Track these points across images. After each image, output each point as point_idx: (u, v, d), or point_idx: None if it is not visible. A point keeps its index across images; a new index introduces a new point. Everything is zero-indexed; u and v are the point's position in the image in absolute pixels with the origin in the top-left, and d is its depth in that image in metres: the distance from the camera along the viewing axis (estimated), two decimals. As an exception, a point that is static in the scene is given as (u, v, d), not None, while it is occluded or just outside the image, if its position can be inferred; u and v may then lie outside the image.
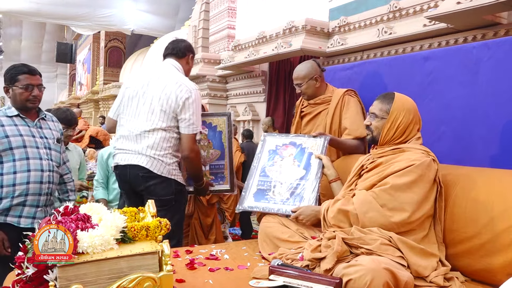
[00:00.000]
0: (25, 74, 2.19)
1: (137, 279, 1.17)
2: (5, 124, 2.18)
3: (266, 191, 2.19)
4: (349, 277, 1.38)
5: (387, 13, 3.91)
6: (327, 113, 2.46)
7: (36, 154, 2.22)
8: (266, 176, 2.25)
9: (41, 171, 2.22)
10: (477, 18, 3.01)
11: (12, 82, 2.18)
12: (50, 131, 2.36)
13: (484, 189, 1.66)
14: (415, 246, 1.61)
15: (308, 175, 2.16)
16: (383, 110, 1.84)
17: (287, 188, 2.16)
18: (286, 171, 2.22)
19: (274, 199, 2.15)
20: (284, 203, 2.12)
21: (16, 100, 2.21)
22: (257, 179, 2.26)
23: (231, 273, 1.75)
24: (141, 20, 11.41)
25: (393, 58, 2.82)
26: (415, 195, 1.65)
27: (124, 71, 13.19)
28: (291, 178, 2.19)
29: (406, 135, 1.82)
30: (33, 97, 2.20)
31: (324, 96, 2.51)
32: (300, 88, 2.50)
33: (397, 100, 1.83)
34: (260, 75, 6.32)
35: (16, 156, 2.16)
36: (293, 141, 2.33)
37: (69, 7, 10.37)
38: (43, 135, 2.31)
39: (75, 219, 1.26)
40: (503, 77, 1.90)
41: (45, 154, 2.27)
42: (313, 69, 2.48)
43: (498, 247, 1.54)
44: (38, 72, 2.29)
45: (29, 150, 2.20)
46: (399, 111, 1.80)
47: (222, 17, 7.24)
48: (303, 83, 2.47)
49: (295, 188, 2.15)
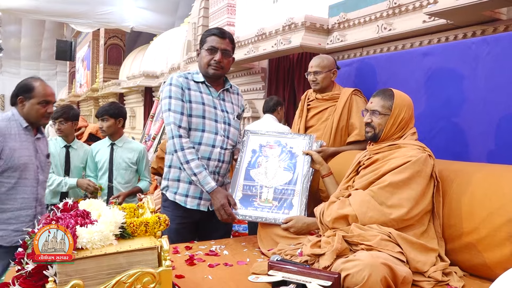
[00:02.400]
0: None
1: (136, 274, 1.17)
2: (191, 88, 2.09)
3: (253, 197, 2.09)
4: (347, 272, 1.39)
5: (387, 9, 3.89)
6: (335, 110, 2.47)
7: (213, 128, 2.10)
8: (251, 180, 2.13)
9: (212, 146, 2.09)
10: (476, 14, 3.00)
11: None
12: (231, 105, 2.21)
13: (482, 185, 1.67)
14: (415, 242, 1.61)
15: (296, 178, 2.09)
16: (385, 107, 1.84)
17: (275, 194, 2.07)
18: (272, 174, 2.12)
19: (262, 206, 2.06)
20: (273, 211, 2.03)
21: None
22: (242, 183, 2.13)
23: (230, 268, 1.76)
24: (141, 17, 11.40)
25: (392, 54, 2.83)
26: (413, 191, 1.66)
27: (123, 69, 13.17)
28: (278, 182, 2.10)
29: (404, 130, 1.84)
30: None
31: (333, 93, 2.51)
32: (317, 77, 2.48)
33: (397, 96, 1.84)
34: (259, 72, 6.31)
35: (193, 125, 2.07)
36: (277, 140, 2.22)
37: (68, 4, 10.34)
38: (224, 108, 2.16)
39: (74, 215, 1.27)
40: (501, 73, 1.91)
41: (222, 130, 2.13)
42: (332, 62, 2.53)
43: (496, 242, 1.55)
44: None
45: (207, 122, 2.08)
46: (401, 106, 1.82)
47: (222, 14, 7.23)
48: (322, 72, 2.46)
49: (283, 194, 2.07)
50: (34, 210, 2.28)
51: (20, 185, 2.21)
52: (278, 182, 2.10)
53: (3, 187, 2.16)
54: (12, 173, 2.17)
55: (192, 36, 7.97)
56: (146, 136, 5.41)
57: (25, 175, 2.21)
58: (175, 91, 2.08)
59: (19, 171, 2.18)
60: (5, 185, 2.16)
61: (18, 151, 2.18)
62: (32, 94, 2.21)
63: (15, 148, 2.17)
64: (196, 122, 2.09)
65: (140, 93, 11.09)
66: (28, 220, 2.24)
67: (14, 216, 2.19)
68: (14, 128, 2.21)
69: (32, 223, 2.20)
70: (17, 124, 2.22)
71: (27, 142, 2.24)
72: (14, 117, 2.23)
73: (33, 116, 2.24)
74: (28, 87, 2.22)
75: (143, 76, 10.21)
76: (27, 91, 2.22)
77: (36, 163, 2.28)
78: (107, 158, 3.08)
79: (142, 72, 10.35)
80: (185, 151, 2.03)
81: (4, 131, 2.16)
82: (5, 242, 2.17)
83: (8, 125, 2.19)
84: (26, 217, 2.23)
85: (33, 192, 2.27)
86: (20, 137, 2.21)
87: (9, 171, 2.16)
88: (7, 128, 2.18)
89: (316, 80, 2.49)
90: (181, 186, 2.17)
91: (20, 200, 2.21)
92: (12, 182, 2.17)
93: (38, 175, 2.30)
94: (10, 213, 2.18)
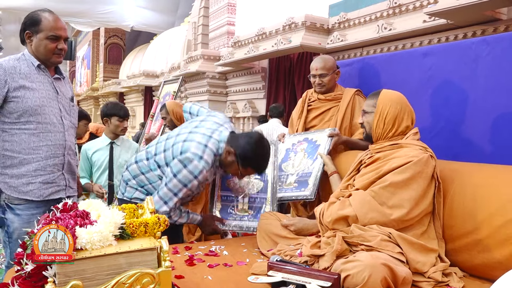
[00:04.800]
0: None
1: (136, 275, 1.17)
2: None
3: (280, 183, 2.40)
4: (347, 273, 1.39)
5: (387, 9, 3.90)
6: (338, 110, 2.46)
7: None
8: (282, 171, 2.47)
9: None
10: (476, 14, 3.00)
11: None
12: None
13: (482, 185, 1.67)
14: (415, 242, 1.61)
15: (314, 163, 2.34)
16: (370, 105, 1.88)
17: (297, 177, 2.37)
18: (297, 163, 2.44)
19: (285, 189, 2.36)
20: (292, 191, 2.32)
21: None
22: (277, 175, 2.43)
23: (230, 269, 1.76)
24: (141, 17, 11.39)
25: (393, 54, 2.82)
26: (414, 192, 1.66)
27: (123, 68, 13.17)
28: (301, 169, 2.39)
29: (397, 127, 1.83)
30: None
31: (335, 93, 2.51)
32: (323, 79, 2.47)
33: (382, 93, 1.87)
34: (259, 71, 6.31)
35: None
36: (306, 137, 2.52)
37: (68, 3, 10.34)
38: None
39: (74, 216, 1.26)
40: (502, 73, 1.90)
41: None
42: (335, 63, 2.53)
43: (496, 242, 1.55)
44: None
45: None
46: (384, 102, 1.83)
47: (222, 13, 7.22)
48: (328, 74, 2.45)
49: (301, 176, 2.35)
50: (63, 159, 2.06)
51: (42, 131, 1.97)
52: (301, 169, 2.39)
53: (24, 135, 1.93)
54: (29, 118, 1.93)
55: (192, 36, 7.97)
56: (146, 136, 5.41)
57: (45, 119, 1.97)
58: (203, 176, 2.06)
59: (36, 114, 1.94)
60: (26, 132, 1.94)
61: (32, 92, 1.93)
62: (39, 28, 1.95)
63: (27, 87, 1.93)
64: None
65: (140, 92, 11.09)
66: (56, 169, 2.03)
67: (41, 166, 1.97)
68: (24, 67, 1.95)
69: (61, 173, 2.06)
70: (28, 63, 1.97)
71: (42, 83, 1.99)
72: (24, 57, 1.99)
73: (42, 53, 1.97)
74: (34, 20, 1.96)
75: (143, 75, 10.22)
76: (34, 24, 1.96)
77: (59, 106, 2.04)
78: (106, 157, 3.08)
79: (142, 72, 10.35)
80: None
81: (11, 70, 1.91)
82: (35, 196, 1.97)
83: (17, 64, 1.95)
84: (54, 167, 2.01)
85: (59, 138, 2.03)
86: (32, 77, 1.96)
87: (26, 115, 1.92)
88: (14, 68, 1.93)
89: (322, 82, 2.47)
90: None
91: (45, 148, 1.98)
92: (32, 127, 1.94)
93: (63, 119, 2.05)
94: (35, 163, 1.96)
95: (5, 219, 1.97)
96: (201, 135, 2.09)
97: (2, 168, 1.95)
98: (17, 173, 1.95)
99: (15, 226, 1.95)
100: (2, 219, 1.98)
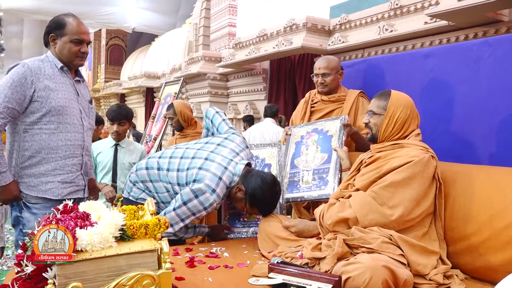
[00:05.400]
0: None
1: (136, 277, 1.17)
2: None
3: (296, 182, 2.30)
4: (348, 275, 1.38)
5: (388, 11, 3.90)
6: (341, 111, 2.45)
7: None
8: (295, 167, 2.35)
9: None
10: (478, 16, 3.00)
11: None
12: None
13: (484, 187, 1.66)
14: (416, 244, 1.61)
15: (330, 157, 2.24)
16: (380, 107, 1.85)
17: (313, 174, 2.26)
18: (311, 158, 2.32)
19: (303, 187, 2.25)
20: (311, 189, 2.21)
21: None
22: (288, 172, 2.36)
23: (230, 271, 1.75)
24: (142, 18, 11.41)
25: (394, 56, 2.82)
26: (414, 191, 1.65)
27: (125, 69, 13.20)
28: (315, 164, 2.28)
29: (404, 131, 1.82)
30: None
31: (339, 95, 2.49)
32: (325, 79, 2.44)
33: (393, 96, 1.84)
34: (261, 73, 6.32)
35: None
36: (315, 127, 2.41)
37: (70, 5, 10.34)
38: None
39: (74, 217, 1.26)
40: (503, 75, 1.90)
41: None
42: (339, 63, 2.50)
43: (498, 244, 1.54)
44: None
45: None
46: (396, 106, 1.81)
47: (223, 14, 7.23)
48: (331, 74, 2.43)
49: (320, 173, 2.24)
50: (81, 159, 2.10)
51: (62, 131, 2.01)
52: (316, 164, 2.28)
53: (44, 134, 1.97)
54: (51, 118, 1.97)
55: (193, 37, 7.98)
56: (147, 137, 5.41)
57: (66, 120, 2.02)
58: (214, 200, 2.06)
59: (58, 115, 1.99)
60: (46, 132, 1.97)
61: (55, 92, 1.98)
62: (64, 31, 2.02)
63: (51, 88, 1.97)
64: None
65: (142, 93, 11.11)
66: (75, 169, 2.07)
67: (59, 166, 2.01)
68: (48, 69, 2.01)
69: (80, 173, 2.10)
70: (51, 65, 2.03)
71: (64, 84, 2.04)
72: (48, 59, 2.04)
73: (65, 55, 2.03)
74: (59, 23, 2.03)
75: (145, 76, 10.23)
76: (59, 28, 2.03)
77: (79, 107, 2.09)
78: (111, 158, 3.10)
79: (143, 73, 10.37)
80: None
81: (36, 70, 1.96)
82: (53, 195, 2.00)
83: (41, 65, 2.00)
84: (72, 167, 2.06)
85: (78, 138, 2.08)
86: (56, 78, 2.01)
87: (48, 115, 1.97)
88: (39, 68, 1.98)
89: (324, 82, 2.45)
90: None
91: (64, 147, 2.02)
92: (52, 127, 1.98)
93: (82, 121, 2.10)
94: (54, 163, 2.00)
95: (20, 218, 2.00)
96: (217, 165, 2.09)
97: (22, 167, 1.98)
98: (36, 172, 1.98)
99: (31, 225, 1.96)
100: (18, 217, 2.00)
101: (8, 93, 1.88)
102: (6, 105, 1.87)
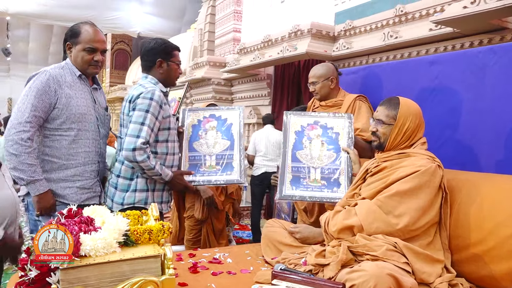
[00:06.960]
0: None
1: (139, 282, 1.17)
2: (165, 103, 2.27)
3: (302, 178, 2.20)
4: (352, 283, 1.38)
5: (393, 17, 3.90)
6: None
7: (175, 137, 2.31)
8: (298, 161, 2.24)
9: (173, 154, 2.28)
10: (483, 23, 2.99)
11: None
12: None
13: (489, 195, 1.65)
14: (421, 252, 1.59)
15: (339, 157, 2.20)
16: (390, 116, 1.83)
17: (322, 173, 2.18)
18: (317, 155, 2.24)
19: (312, 186, 2.17)
20: (323, 190, 2.14)
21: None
22: (290, 165, 2.24)
23: (233, 277, 1.75)
24: (148, 23, 11.49)
25: (399, 62, 2.81)
26: (420, 201, 1.64)
27: (130, 74, 13.25)
28: (323, 162, 2.21)
29: (412, 140, 1.81)
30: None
31: (336, 99, 2.50)
32: (314, 87, 2.49)
33: (403, 105, 1.82)
34: (265, 78, 6.32)
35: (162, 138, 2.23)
36: (316, 120, 2.32)
37: (76, 9, 10.45)
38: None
39: (78, 222, 1.27)
40: (509, 82, 1.89)
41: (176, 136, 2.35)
42: (330, 70, 2.51)
43: (503, 253, 1.53)
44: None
45: (172, 132, 2.29)
46: (406, 116, 1.80)
47: (228, 20, 7.26)
48: (318, 82, 2.46)
49: (329, 173, 2.17)
50: (98, 165, 2.14)
51: (81, 138, 2.05)
52: (324, 162, 2.21)
53: (64, 141, 2.01)
54: (71, 125, 2.01)
55: (198, 42, 8.01)
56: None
57: (85, 127, 2.06)
58: (154, 106, 2.09)
59: (78, 122, 2.03)
60: (66, 139, 2.01)
61: (75, 100, 2.02)
62: (78, 40, 2.04)
63: (71, 96, 2.01)
64: (165, 135, 2.19)
65: (146, 98, 11.12)
66: (93, 176, 2.11)
67: (79, 172, 2.05)
68: (68, 76, 2.04)
69: (97, 179, 2.14)
70: (71, 72, 2.06)
71: (83, 92, 2.08)
72: (67, 66, 2.07)
73: (79, 64, 2.06)
74: (75, 32, 2.05)
75: (149, 81, 10.22)
76: (74, 36, 2.05)
77: (96, 115, 2.13)
78: None
79: (148, 77, 10.36)
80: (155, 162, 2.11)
81: (58, 78, 1.99)
82: (71, 200, 2.02)
83: (62, 73, 2.03)
84: (91, 173, 2.10)
85: (96, 145, 2.12)
86: (75, 85, 2.05)
87: (68, 122, 2.00)
88: (61, 76, 2.01)
89: (314, 90, 2.52)
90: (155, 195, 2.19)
91: (83, 154, 2.06)
92: (72, 134, 2.02)
93: (99, 128, 2.15)
94: (74, 169, 2.04)
95: (38, 221, 2.01)
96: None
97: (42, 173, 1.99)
98: (56, 178, 2.01)
99: None
100: (36, 222, 2.02)
101: (35, 102, 1.92)
102: (34, 113, 1.91)
